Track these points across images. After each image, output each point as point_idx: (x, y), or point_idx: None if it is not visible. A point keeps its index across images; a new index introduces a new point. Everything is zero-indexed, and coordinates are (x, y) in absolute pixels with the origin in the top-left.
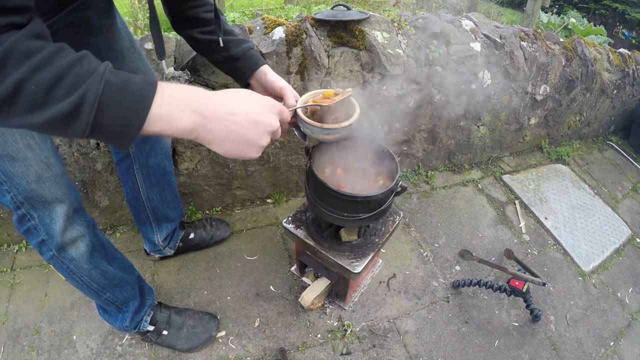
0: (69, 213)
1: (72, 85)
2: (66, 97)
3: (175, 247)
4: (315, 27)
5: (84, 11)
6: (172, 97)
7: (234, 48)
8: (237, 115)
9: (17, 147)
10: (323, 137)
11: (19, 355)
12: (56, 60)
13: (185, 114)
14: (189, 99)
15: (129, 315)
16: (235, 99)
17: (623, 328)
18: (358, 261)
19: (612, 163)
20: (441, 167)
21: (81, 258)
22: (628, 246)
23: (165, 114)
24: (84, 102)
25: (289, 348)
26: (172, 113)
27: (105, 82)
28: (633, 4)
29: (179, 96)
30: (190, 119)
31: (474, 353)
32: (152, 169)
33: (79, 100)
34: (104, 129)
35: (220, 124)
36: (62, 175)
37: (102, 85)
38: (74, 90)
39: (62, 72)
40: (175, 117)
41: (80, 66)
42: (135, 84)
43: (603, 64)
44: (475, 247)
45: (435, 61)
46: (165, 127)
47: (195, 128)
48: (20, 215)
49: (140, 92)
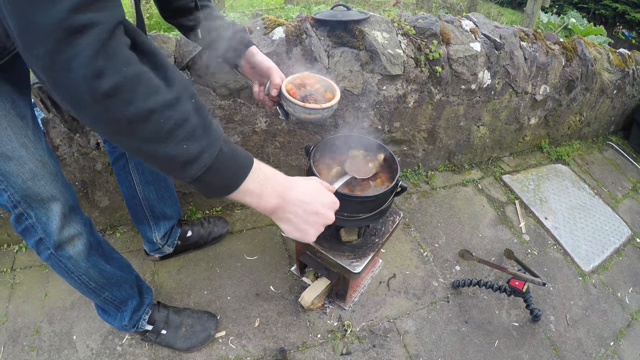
0: (65, 211)
1: (192, 132)
2: (184, 142)
3: (173, 245)
4: (315, 27)
5: None
6: (265, 177)
7: (223, 30)
8: (310, 204)
9: (12, 146)
10: (305, 116)
11: (19, 355)
12: (184, 101)
13: (272, 196)
14: (276, 181)
15: (127, 315)
16: (309, 190)
17: (623, 328)
18: (358, 261)
19: (612, 163)
20: (441, 167)
21: (79, 256)
22: (628, 246)
23: (255, 190)
24: (198, 160)
25: (289, 348)
26: (261, 192)
27: (220, 150)
28: (633, 4)
29: (268, 177)
30: (276, 201)
31: (474, 353)
32: (147, 167)
33: (196, 156)
34: (203, 184)
35: (295, 209)
36: (57, 174)
37: (217, 151)
38: (193, 139)
39: (187, 116)
40: (264, 196)
41: (200, 115)
42: (240, 156)
43: (603, 64)
44: (475, 247)
45: (435, 61)
46: (252, 201)
47: (276, 210)
48: (18, 215)
49: (242, 165)
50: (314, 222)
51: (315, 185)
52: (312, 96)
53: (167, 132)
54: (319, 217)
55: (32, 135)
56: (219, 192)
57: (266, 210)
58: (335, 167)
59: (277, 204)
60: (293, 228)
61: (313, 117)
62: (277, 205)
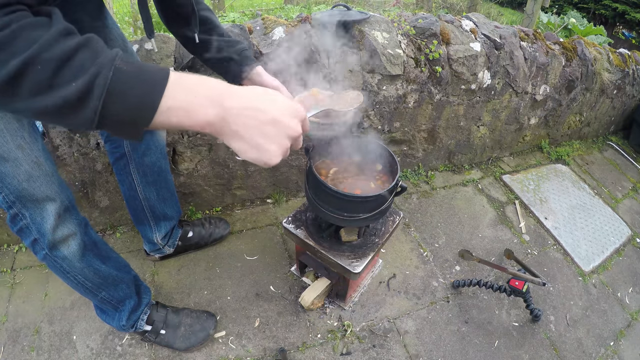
0: (59, 211)
1: (80, 67)
2: (73, 80)
3: (174, 246)
4: (315, 27)
5: (75, 14)
6: (189, 87)
7: (228, 48)
8: (264, 112)
9: (8, 148)
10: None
11: (19, 355)
12: (64, 40)
13: (204, 105)
14: (209, 89)
15: (125, 314)
16: (259, 95)
17: (623, 328)
18: (358, 261)
19: (612, 163)
20: (441, 167)
21: (73, 256)
22: (628, 246)
23: (181, 104)
24: (92, 88)
25: (289, 348)
26: (188, 105)
27: (116, 69)
28: (633, 4)
29: (197, 86)
30: (213, 111)
31: (474, 353)
32: (148, 168)
33: (87, 85)
34: (114, 118)
35: (244, 119)
36: (52, 174)
37: (111, 71)
38: (82, 73)
39: (70, 53)
40: (194, 108)
41: (89, 48)
42: (148, 72)
43: (603, 64)
44: (475, 247)
45: (435, 61)
46: (182, 119)
47: (213, 122)
48: (13, 215)
49: (153, 79)
50: (274, 134)
51: (266, 90)
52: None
53: (49, 78)
54: (280, 127)
55: (28, 137)
56: (136, 123)
57: (205, 128)
58: (334, 167)
59: (217, 115)
60: (246, 145)
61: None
62: (216, 117)
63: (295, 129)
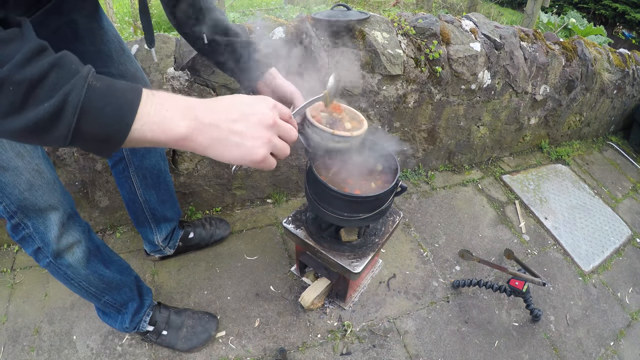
0: (63, 220)
1: (53, 86)
2: (47, 99)
3: (175, 247)
4: (315, 27)
5: (70, 15)
6: (161, 102)
7: (241, 50)
8: (227, 112)
9: (7, 157)
10: (332, 145)
11: (19, 355)
12: (36, 60)
13: (176, 118)
14: (179, 103)
15: (128, 317)
16: (223, 99)
17: (623, 328)
18: (358, 261)
19: (612, 163)
20: (441, 167)
21: (78, 264)
22: (628, 246)
23: (154, 119)
24: (65, 106)
25: (289, 348)
26: (162, 119)
27: (89, 86)
28: (633, 4)
29: (167, 102)
30: (185, 123)
31: (474, 353)
32: (147, 171)
33: (60, 103)
34: (87, 135)
35: (214, 125)
36: (54, 182)
37: (84, 89)
38: (55, 91)
39: (43, 73)
40: (166, 121)
41: (62, 67)
42: (121, 89)
43: (603, 64)
44: (475, 247)
45: (435, 61)
46: (157, 134)
47: (187, 134)
48: (14, 225)
49: (126, 97)
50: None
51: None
52: (341, 123)
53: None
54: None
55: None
56: (110, 140)
57: (179, 141)
58: (334, 167)
59: (189, 126)
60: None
61: (341, 146)
62: (189, 128)
63: (266, 113)
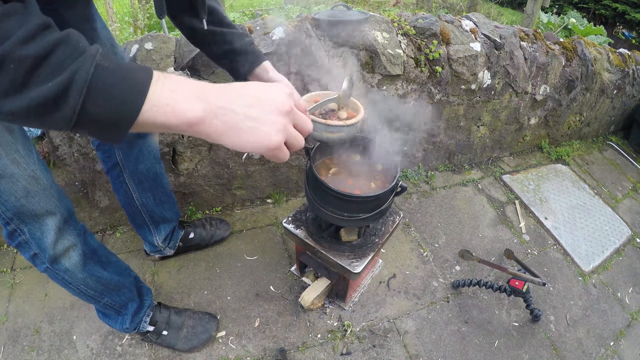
0: (60, 224)
1: (59, 65)
2: (51, 78)
3: (175, 247)
4: (315, 27)
5: (62, 15)
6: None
7: (235, 41)
8: (244, 97)
9: (2, 164)
10: (327, 135)
11: (19, 355)
12: (40, 36)
13: (189, 101)
14: (192, 86)
15: (128, 317)
16: (236, 85)
17: (623, 328)
18: (358, 261)
19: (612, 163)
20: (441, 167)
21: (75, 268)
22: (628, 246)
23: (167, 101)
24: (71, 85)
25: (289, 348)
26: (174, 102)
27: (97, 65)
28: (633, 4)
29: (180, 84)
30: (199, 106)
31: (474, 353)
32: (143, 175)
33: (66, 82)
34: (93, 117)
35: (230, 109)
36: (50, 187)
37: (92, 67)
38: (60, 70)
39: (47, 50)
40: (179, 103)
41: (68, 44)
42: (131, 69)
43: (603, 64)
44: (475, 247)
45: (435, 61)
46: (169, 117)
47: (201, 117)
48: (10, 231)
49: (136, 77)
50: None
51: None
52: (334, 113)
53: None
54: (265, 104)
55: (22, 150)
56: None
57: (193, 126)
58: (334, 167)
59: (204, 109)
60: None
61: (336, 136)
62: (203, 111)
63: (284, 101)
